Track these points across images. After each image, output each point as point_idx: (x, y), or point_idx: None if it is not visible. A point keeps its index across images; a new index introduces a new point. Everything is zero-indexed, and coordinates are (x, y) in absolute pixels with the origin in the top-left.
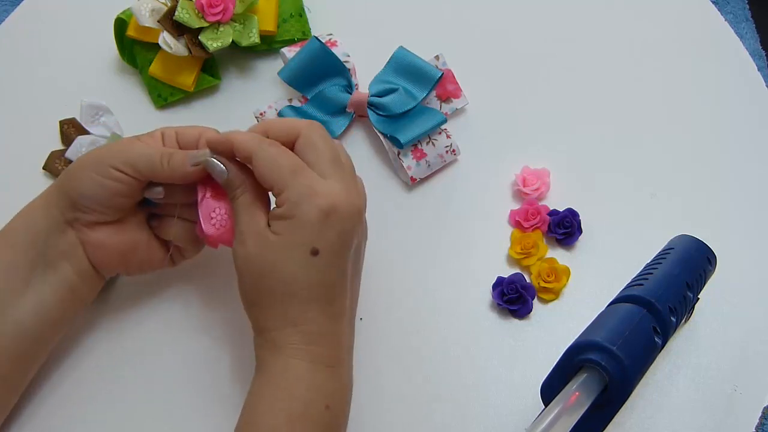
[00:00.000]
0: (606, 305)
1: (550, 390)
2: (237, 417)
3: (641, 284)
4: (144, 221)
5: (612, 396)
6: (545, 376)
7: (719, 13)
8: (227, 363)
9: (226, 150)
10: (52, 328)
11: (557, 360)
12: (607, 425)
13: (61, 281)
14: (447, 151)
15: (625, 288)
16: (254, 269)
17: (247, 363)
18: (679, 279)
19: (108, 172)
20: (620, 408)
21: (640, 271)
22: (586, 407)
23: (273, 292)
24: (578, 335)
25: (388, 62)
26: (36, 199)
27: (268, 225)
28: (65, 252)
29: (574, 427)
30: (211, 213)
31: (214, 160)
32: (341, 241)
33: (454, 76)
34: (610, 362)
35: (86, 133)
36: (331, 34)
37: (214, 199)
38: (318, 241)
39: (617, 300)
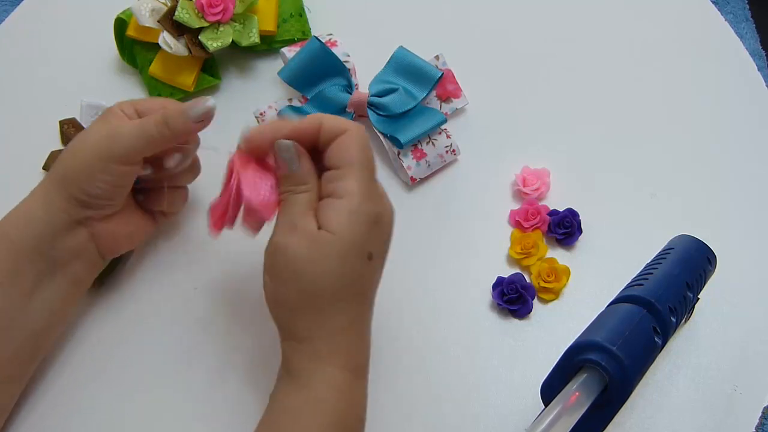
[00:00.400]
0: (606, 305)
1: (550, 390)
2: (238, 414)
3: (641, 284)
4: (132, 198)
5: (612, 396)
6: (545, 376)
7: (719, 13)
8: (232, 359)
9: (308, 132)
10: (58, 323)
11: (557, 360)
12: (607, 425)
13: (69, 279)
14: (447, 151)
15: (625, 288)
16: (303, 272)
17: (251, 359)
18: (679, 279)
19: (115, 169)
20: (620, 408)
21: (640, 271)
22: (586, 407)
23: (333, 296)
24: (578, 335)
25: (388, 62)
26: (32, 202)
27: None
28: (76, 251)
29: (574, 427)
30: (258, 185)
31: (289, 145)
32: (386, 247)
33: (454, 76)
34: (610, 362)
35: None
36: (331, 34)
37: (256, 173)
38: (373, 245)
39: (617, 300)
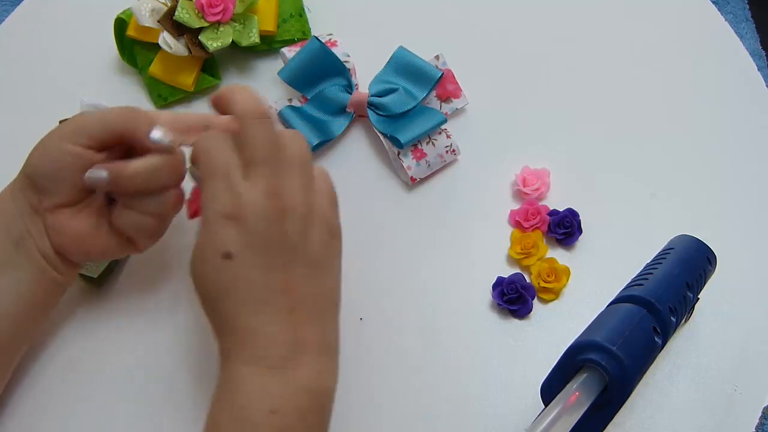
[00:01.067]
0: (606, 305)
1: (550, 390)
2: None
3: (641, 284)
4: (104, 209)
5: (612, 396)
6: (545, 376)
7: (719, 13)
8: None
9: (219, 103)
10: (31, 310)
11: (557, 360)
12: (607, 425)
13: (32, 263)
14: (447, 151)
15: (625, 288)
16: (194, 273)
17: None
18: (679, 279)
19: (66, 147)
20: (620, 408)
21: (640, 271)
22: (586, 407)
23: (209, 296)
24: (578, 335)
25: (388, 62)
26: (6, 186)
27: None
28: (33, 235)
29: (574, 427)
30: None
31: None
32: (258, 241)
33: (454, 76)
34: (610, 362)
35: None
36: (331, 34)
37: None
38: (228, 244)
39: (617, 300)
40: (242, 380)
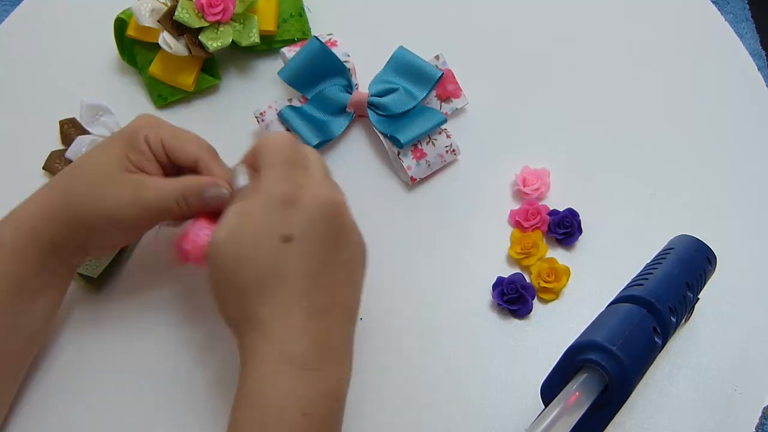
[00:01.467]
0: (606, 305)
1: (550, 390)
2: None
3: (641, 284)
4: None
5: (612, 396)
6: (545, 376)
7: (719, 13)
8: (225, 365)
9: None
10: (51, 321)
11: (557, 360)
12: (607, 425)
13: (64, 282)
14: (447, 151)
15: (625, 288)
16: (228, 256)
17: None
18: (679, 279)
19: (125, 228)
20: (620, 408)
21: (640, 271)
22: (586, 407)
23: (249, 281)
24: (578, 335)
25: (388, 62)
26: (34, 213)
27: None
28: (71, 263)
29: (574, 427)
30: (199, 232)
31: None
32: (314, 232)
33: (454, 76)
34: (610, 362)
35: (86, 132)
36: (331, 34)
37: (207, 221)
38: (288, 227)
39: (617, 300)
40: (273, 379)
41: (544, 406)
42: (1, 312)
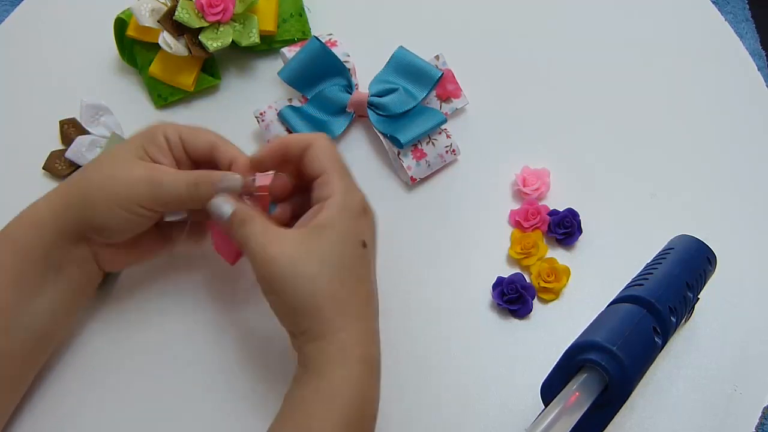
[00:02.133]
0: (606, 305)
1: (550, 390)
2: (246, 415)
3: (641, 284)
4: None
5: (612, 396)
6: (545, 376)
7: (719, 13)
8: (233, 360)
9: (275, 157)
10: (59, 327)
11: (557, 360)
12: (607, 425)
13: (70, 285)
14: (447, 151)
15: (625, 288)
16: (304, 270)
17: (255, 359)
18: (679, 279)
19: (135, 209)
20: (620, 408)
21: (640, 271)
22: (586, 407)
23: (330, 290)
24: (578, 335)
25: (388, 62)
26: (42, 208)
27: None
28: (76, 261)
29: (574, 427)
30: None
31: (220, 201)
32: (375, 237)
33: (454, 76)
34: (611, 362)
35: (86, 133)
36: (331, 34)
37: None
38: (365, 233)
39: (617, 300)
40: (356, 380)
41: (544, 406)
42: (7, 307)
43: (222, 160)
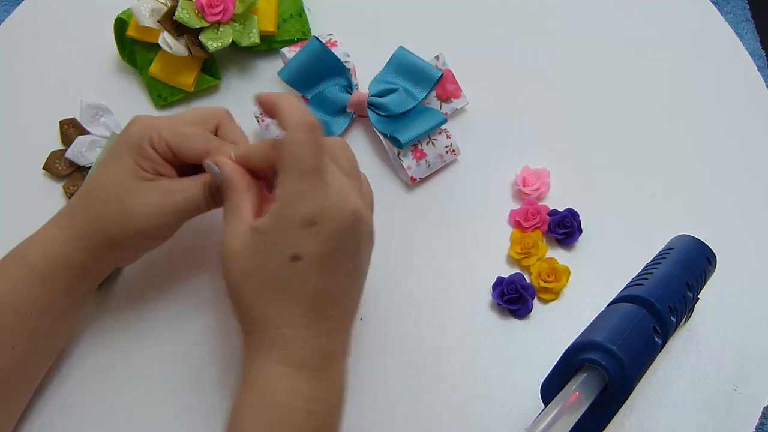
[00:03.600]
0: (606, 305)
1: (550, 390)
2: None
3: (641, 284)
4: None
5: (612, 395)
6: (545, 376)
7: (719, 13)
8: (229, 359)
9: (266, 105)
10: (65, 335)
11: (557, 360)
12: (607, 425)
13: (87, 299)
14: (447, 151)
15: (625, 288)
16: (239, 267)
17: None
18: (679, 279)
19: (160, 234)
20: (620, 408)
21: (640, 271)
22: (586, 407)
23: (255, 292)
24: (578, 335)
25: (388, 62)
26: (58, 234)
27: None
28: (95, 281)
29: (574, 426)
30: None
31: (211, 163)
32: (329, 249)
33: (454, 76)
34: (610, 362)
35: (86, 133)
36: (331, 35)
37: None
38: (301, 247)
39: (617, 300)
40: (278, 379)
41: (544, 406)
42: (27, 333)
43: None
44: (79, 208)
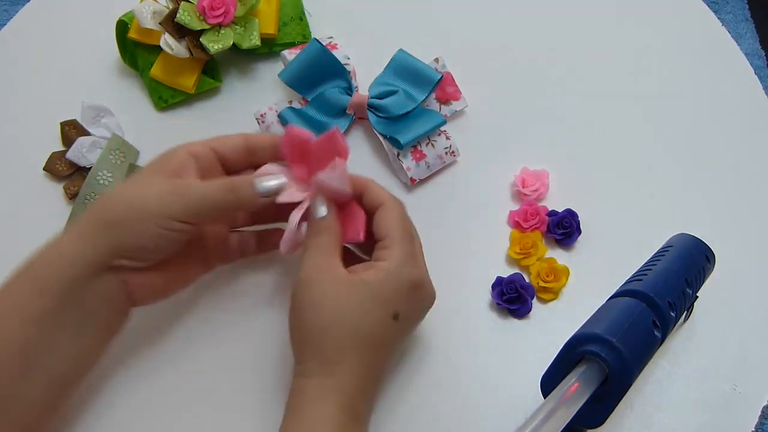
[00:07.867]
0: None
1: (550, 382)
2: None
3: (640, 279)
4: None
5: (612, 388)
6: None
7: (716, 16)
8: (245, 372)
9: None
10: (82, 370)
11: (558, 352)
12: (606, 417)
13: (95, 323)
14: (446, 153)
15: (624, 283)
16: (330, 309)
17: (263, 373)
18: (678, 275)
19: (168, 224)
20: (620, 400)
21: (639, 268)
22: (585, 398)
23: (341, 337)
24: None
25: (388, 64)
26: (65, 241)
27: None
28: (102, 295)
29: (573, 418)
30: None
31: (318, 204)
32: (417, 316)
33: (453, 79)
34: (610, 354)
35: (87, 134)
36: (331, 38)
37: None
38: (402, 306)
39: (617, 294)
40: (329, 420)
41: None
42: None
43: (259, 146)
44: (91, 209)
